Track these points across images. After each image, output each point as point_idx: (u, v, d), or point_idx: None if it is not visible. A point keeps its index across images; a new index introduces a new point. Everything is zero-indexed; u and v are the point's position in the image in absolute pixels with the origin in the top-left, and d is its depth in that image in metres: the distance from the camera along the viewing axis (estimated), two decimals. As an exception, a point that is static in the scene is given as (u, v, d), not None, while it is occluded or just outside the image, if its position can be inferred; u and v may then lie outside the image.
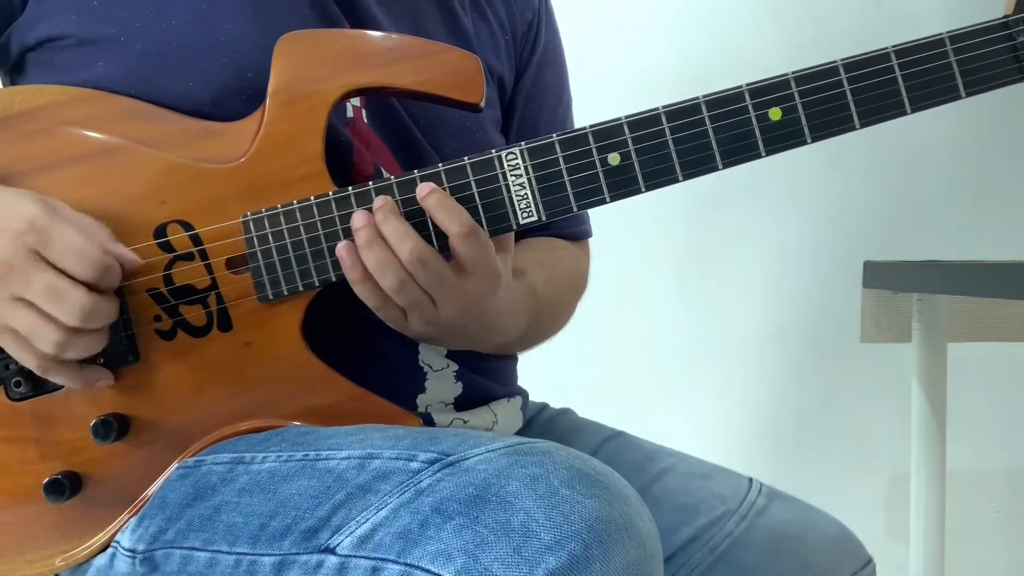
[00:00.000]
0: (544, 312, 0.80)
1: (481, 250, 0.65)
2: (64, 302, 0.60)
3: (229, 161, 0.67)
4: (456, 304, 0.66)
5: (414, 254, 0.63)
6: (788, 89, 0.66)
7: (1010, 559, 1.58)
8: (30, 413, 0.67)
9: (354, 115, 0.73)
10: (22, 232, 0.60)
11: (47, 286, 0.60)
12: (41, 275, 0.60)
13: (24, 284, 0.60)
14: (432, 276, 0.64)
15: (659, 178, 0.66)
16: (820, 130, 0.66)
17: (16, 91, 0.69)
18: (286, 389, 0.68)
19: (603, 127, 0.66)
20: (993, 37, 0.66)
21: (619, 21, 1.52)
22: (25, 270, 0.60)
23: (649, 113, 0.66)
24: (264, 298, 0.67)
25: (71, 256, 0.60)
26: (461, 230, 0.64)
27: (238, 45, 0.69)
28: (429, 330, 0.67)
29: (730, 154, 0.66)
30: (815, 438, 1.55)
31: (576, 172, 0.66)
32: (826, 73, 0.66)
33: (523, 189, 0.66)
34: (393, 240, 0.64)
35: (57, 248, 0.60)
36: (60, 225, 0.61)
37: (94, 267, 0.61)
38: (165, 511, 0.64)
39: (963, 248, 1.36)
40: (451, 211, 0.64)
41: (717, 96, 0.66)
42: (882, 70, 0.66)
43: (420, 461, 0.57)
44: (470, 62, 0.68)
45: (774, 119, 0.66)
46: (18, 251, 0.60)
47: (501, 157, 0.66)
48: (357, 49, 0.68)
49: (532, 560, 0.50)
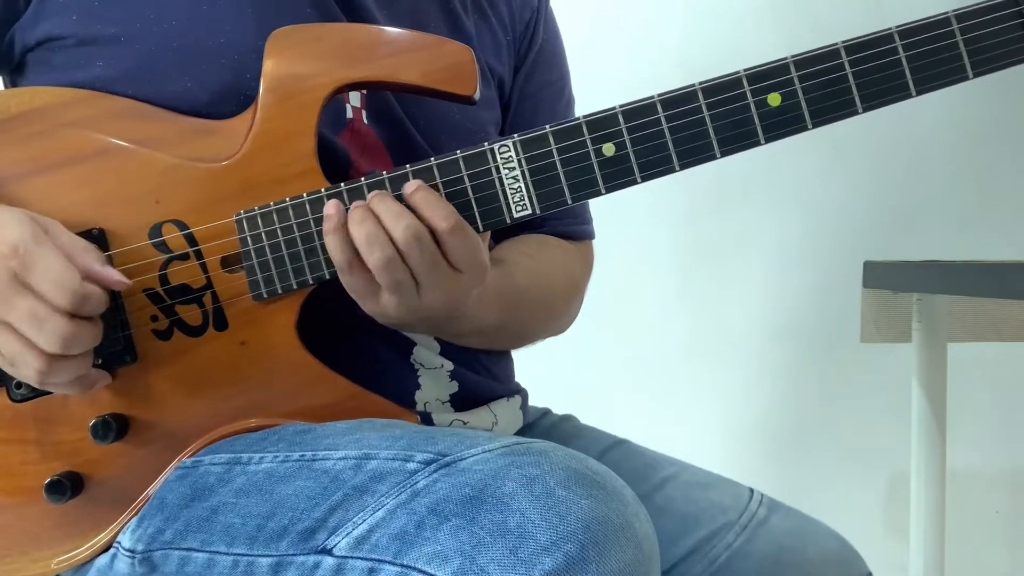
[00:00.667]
0: (524, 305, 0.79)
1: (469, 244, 0.64)
2: (44, 329, 0.60)
3: (222, 160, 0.67)
4: (442, 294, 0.65)
5: (410, 231, 0.62)
6: (787, 74, 0.64)
7: (1010, 559, 1.58)
8: (31, 414, 0.67)
9: (353, 116, 0.73)
10: (6, 256, 0.60)
11: (28, 312, 0.60)
12: (22, 301, 0.60)
13: (7, 308, 0.60)
14: (426, 257, 0.63)
15: (655, 168, 0.65)
16: (821, 115, 0.64)
17: (12, 94, 0.69)
18: (283, 388, 0.68)
19: (597, 117, 0.65)
20: (1002, 14, 0.63)
21: (619, 21, 1.52)
22: (7, 295, 0.60)
23: (644, 102, 0.65)
24: (258, 296, 0.67)
25: (48, 283, 0.60)
26: (448, 225, 0.63)
27: (238, 47, 0.69)
28: (405, 316, 0.66)
29: (728, 142, 0.64)
30: (815, 438, 1.55)
31: (570, 164, 0.65)
32: (827, 56, 0.63)
33: (516, 182, 0.65)
34: (387, 218, 0.63)
35: (36, 274, 0.60)
36: (43, 250, 0.60)
37: (71, 295, 0.60)
38: (163, 512, 0.64)
39: (963, 248, 1.36)
40: (437, 207, 0.64)
41: (714, 83, 0.64)
42: (885, 51, 0.63)
43: (417, 462, 0.57)
44: (464, 54, 0.67)
45: (773, 105, 0.64)
46: (1, 274, 0.60)
47: (494, 150, 0.65)
48: (348, 44, 0.68)
49: (528, 561, 0.50)
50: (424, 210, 0.64)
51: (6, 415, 0.67)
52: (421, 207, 0.64)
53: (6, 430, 0.67)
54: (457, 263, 0.65)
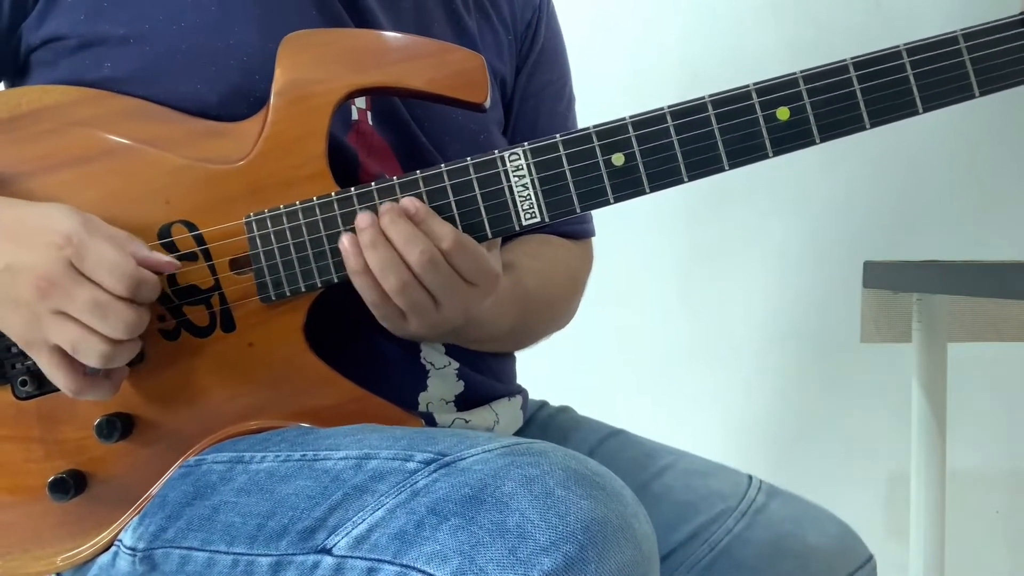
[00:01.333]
0: (532, 307, 0.80)
1: (474, 257, 0.65)
2: (108, 317, 0.60)
3: (233, 161, 0.67)
4: (461, 306, 0.66)
5: (425, 256, 0.63)
6: (796, 88, 0.64)
7: (1010, 559, 1.58)
8: (35, 412, 0.68)
9: (359, 117, 0.73)
10: (60, 246, 0.60)
11: (89, 300, 0.60)
12: (82, 290, 0.60)
13: (66, 299, 0.60)
14: (444, 279, 0.64)
15: (664, 179, 0.65)
16: (829, 130, 0.65)
17: (23, 92, 0.69)
18: (288, 390, 0.68)
19: (607, 127, 0.65)
20: (1008, 35, 0.64)
21: (619, 21, 1.52)
22: (65, 285, 0.60)
23: (654, 113, 0.65)
24: (266, 298, 0.67)
25: (104, 270, 0.60)
26: (447, 245, 0.64)
27: (246, 48, 0.69)
28: (427, 331, 0.68)
29: (737, 154, 0.65)
30: (815, 438, 1.55)
31: (580, 173, 0.65)
32: (835, 72, 0.64)
33: (526, 190, 0.66)
34: (400, 243, 0.64)
35: (91, 262, 0.60)
36: (94, 238, 0.61)
37: (129, 280, 0.61)
38: (165, 509, 0.64)
39: (963, 248, 1.36)
40: (433, 228, 0.64)
41: (723, 95, 0.65)
42: (893, 68, 0.64)
43: (417, 461, 0.57)
44: (474, 61, 0.68)
45: (782, 119, 0.64)
46: (57, 265, 0.60)
47: (504, 157, 0.66)
48: (360, 49, 0.68)
49: (527, 561, 0.50)
50: (426, 233, 0.64)
51: (9, 412, 0.68)
52: (424, 230, 0.64)
53: (10, 428, 0.68)
54: (469, 277, 0.65)
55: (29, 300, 0.60)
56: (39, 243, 0.60)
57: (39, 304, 0.60)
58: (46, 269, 0.60)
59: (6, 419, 0.68)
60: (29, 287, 0.60)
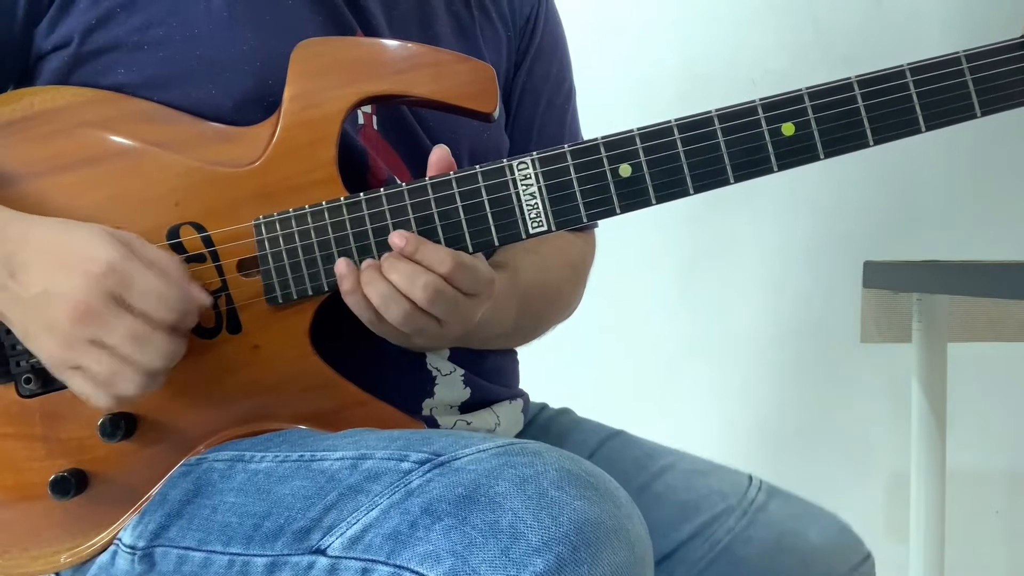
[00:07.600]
0: (533, 300, 0.80)
1: (472, 272, 0.65)
2: (147, 348, 0.60)
3: (243, 165, 0.67)
4: (464, 319, 0.67)
5: (429, 289, 0.63)
6: (802, 104, 0.65)
7: (1010, 559, 1.58)
8: (39, 410, 0.68)
9: (364, 122, 0.73)
10: (102, 275, 0.59)
11: (128, 332, 0.60)
12: (121, 321, 0.60)
13: (104, 329, 0.59)
14: (448, 304, 0.65)
15: (670, 190, 0.66)
16: (833, 146, 0.65)
17: (35, 92, 0.69)
18: (292, 393, 0.68)
19: (615, 138, 0.66)
20: (1010, 56, 0.65)
21: (619, 22, 1.52)
22: (103, 315, 0.59)
23: (661, 126, 0.66)
24: (273, 300, 0.67)
25: (150, 302, 0.60)
26: (446, 269, 0.64)
27: (260, 54, 0.69)
28: (432, 344, 0.68)
29: (742, 168, 0.66)
30: (815, 438, 1.55)
31: (587, 183, 0.66)
32: (840, 89, 0.65)
33: (533, 199, 0.66)
34: (403, 284, 0.64)
35: (136, 293, 0.60)
36: (138, 266, 0.60)
37: (176, 312, 0.61)
38: (165, 507, 0.65)
39: (963, 248, 1.36)
40: (431, 256, 0.64)
41: (729, 110, 0.66)
42: (897, 87, 0.65)
43: (411, 461, 0.57)
44: (484, 72, 0.68)
45: (787, 134, 0.65)
46: (97, 294, 0.59)
47: (512, 166, 0.66)
48: (372, 57, 0.69)
49: (520, 562, 0.50)
50: (423, 264, 0.64)
51: (12, 410, 0.68)
52: (419, 261, 0.64)
53: (12, 425, 0.68)
54: (469, 291, 0.66)
55: (65, 327, 0.60)
56: (79, 270, 0.60)
57: (75, 331, 0.60)
58: (85, 298, 0.59)
59: (9, 417, 0.68)
60: (66, 314, 0.59)
